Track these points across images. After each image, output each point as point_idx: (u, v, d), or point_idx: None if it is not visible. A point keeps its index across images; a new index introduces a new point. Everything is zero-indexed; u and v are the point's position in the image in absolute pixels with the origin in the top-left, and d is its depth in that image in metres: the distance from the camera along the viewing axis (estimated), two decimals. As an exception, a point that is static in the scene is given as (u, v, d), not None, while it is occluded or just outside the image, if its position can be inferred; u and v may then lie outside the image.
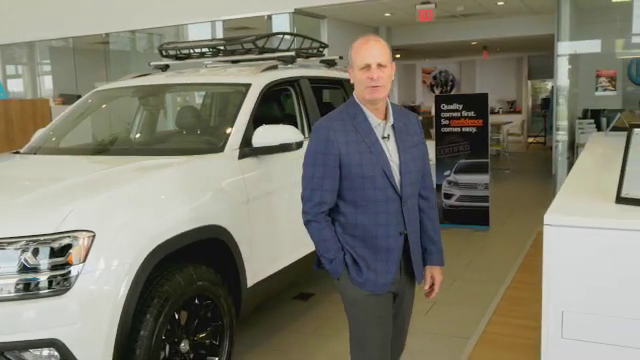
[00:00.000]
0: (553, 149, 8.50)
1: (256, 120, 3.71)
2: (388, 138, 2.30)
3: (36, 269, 2.46)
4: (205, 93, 5.26)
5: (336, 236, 2.32)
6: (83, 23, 10.43)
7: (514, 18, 10.89)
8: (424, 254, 2.48)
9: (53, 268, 2.47)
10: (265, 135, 3.55)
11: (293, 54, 4.52)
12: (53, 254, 2.48)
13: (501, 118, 14.96)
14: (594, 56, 9.28)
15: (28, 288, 2.46)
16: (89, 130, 4.81)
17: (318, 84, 4.86)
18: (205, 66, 4.97)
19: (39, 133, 4.32)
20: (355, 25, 10.41)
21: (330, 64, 5.18)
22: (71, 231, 2.51)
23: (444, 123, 6.94)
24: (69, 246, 2.49)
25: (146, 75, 4.57)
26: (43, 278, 2.47)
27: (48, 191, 2.83)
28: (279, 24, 9.26)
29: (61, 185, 2.92)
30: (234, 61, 4.82)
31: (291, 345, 3.87)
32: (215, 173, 3.34)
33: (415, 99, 19.33)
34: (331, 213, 2.34)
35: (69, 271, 2.48)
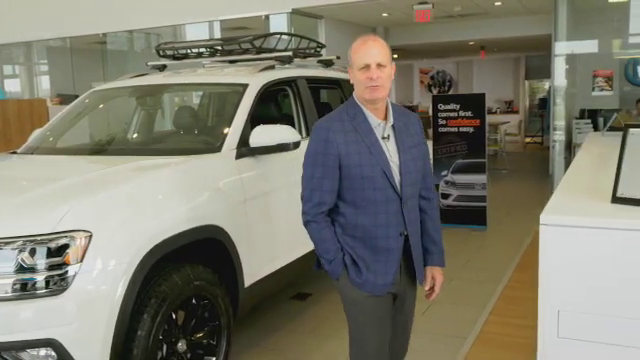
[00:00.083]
0: (550, 149, 8.52)
1: (253, 120, 3.71)
2: (388, 138, 2.29)
3: (33, 269, 2.46)
4: (202, 93, 5.26)
5: (335, 237, 2.31)
6: (80, 23, 10.42)
7: (511, 18, 10.92)
8: (425, 254, 2.46)
9: (50, 268, 2.48)
10: (262, 135, 3.56)
11: (290, 54, 4.53)
12: (50, 254, 2.48)
13: (498, 118, 14.97)
14: (591, 56, 9.30)
15: (25, 288, 2.46)
16: (86, 130, 4.81)
17: (315, 84, 4.87)
18: (203, 66, 4.97)
19: (36, 133, 4.32)
20: (353, 25, 10.42)
21: (327, 64, 5.18)
22: (68, 231, 2.51)
23: (441, 123, 6.95)
24: (66, 246, 2.49)
25: (143, 75, 4.56)
26: (40, 278, 2.47)
27: (45, 191, 2.83)
28: (277, 24, 9.26)
29: (58, 185, 2.92)
30: (231, 61, 4.83)
31: (288, 345, 3.87)
32: (212, 173, 3.34)
33: (413, 99, 19.35)
34: (331, 213, 2.33)
35: (66, 271, 2.48)
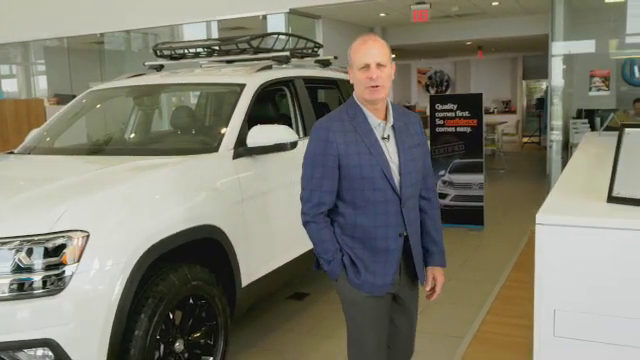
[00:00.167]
0: (547, 149, 8.53)
1: (251, 120, 3.72)
2: (388, 139, 2.28)
3: (30, 269, 2.46)
4: (200, 93, 5.26)
5: (335, 237, 2.31)
6: (78, 23, 10.41)
7: (508, 18, 10.93)
8: (425, 255, 2.46)
9: (47, 268, 2.48)
10: (259, 135, 3.56)
11: (288, 54, 4.53)
12: (47, 254, 2.48)
13: (496, 118, 15.00)
14: (588, 56, 9.33)
15: (22, 288, 2.46)
16: (84, 130, 4.81)
17: (313, 84, 4.87)
18: (200, 66, 4.97)
19: (33, 133, 4.31)
20: (350, 25, 10.42)
21: (325, 64, 5.19)
22: (65, 231, 2.51)
23: (439, 123, 6.96)
24: (63, 246, 2.49)
25: (141, 75, 4.56)
26: (37, 278, 2.47)
27: (42, 191, 2.83)
28: (274, 24, 9.26)
29: (55, 185, 2.92)
30: (229, 61, 4.83)
31: (285, 345, 3.87)
32: (210, 173, 3.34)
33: (410, 99, 19.37)
34: (330, 214, 2.33)
35: (63, 271, 2.48)
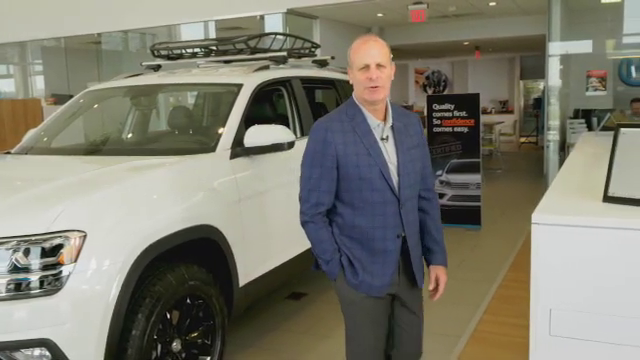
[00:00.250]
0: (545, 149, 8.55)
1: (248, 120, 3.72)
2: (387, 139, 2.28)
3: (27, 269, 2.46)
4: (197, 93, 5.27)
5: (333, 237, 2.31)
6: (75, 23, 10.40)
7: (506, 18, 10.94)
8: (427, 254, 2.46)
9: (44, 268, 2.48)
10: (257, 135, 3.56)
11: (285, 54, 4.53)
12: (44, 254, 2.48)
13: (493, 118, 15.02)
14: (585, 56, 9.34)
15: (19, 288, 2.46)
16: (81, 130, 4.81)
17: (310, 84, 4.88)
18: (197, 66, 4.97)
19: (30, 133, 4.31)
20: (347, 25, 10.42)
21: (322, 64, 5.19)
22: (62, 231, 2.51)
23: (436, 123, 6.97)
24: (60, 246, 2.49)
25: (138, 75, 4.56)
26: (34, 278, 2.47)
27: (39, 191, 2.84)
28: (272, 24, 9.27)
29: (52, 185, 2.92)
30: (226, 61, 4.83)
31: (283, 345, 3.87)
32: (207, 173, 3.35)
33: (408, 99, 19.37)
34: (329, 214, 2.33)
35: (60, 271, 2.48)
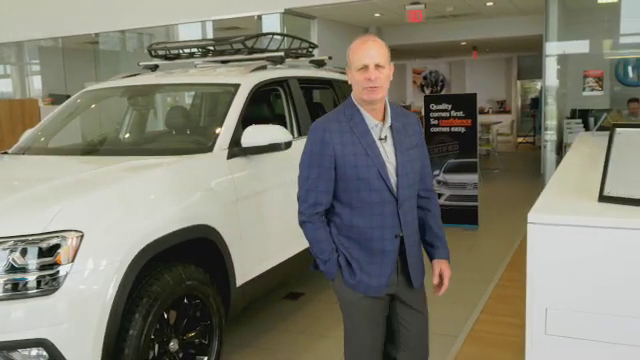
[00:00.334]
0: (542, 149, 8.57)
1: (245, 120, 3.72)
2: (385, 140, 2.28)
3: (24, 269, 2.46)
4: (194, 93, 5.27)
5: (331, 237, 2.31)
6: (73, 23, 10.40)
7: (503, 18, 10.97)
8: (430, 249, 2.48)
9: (41, 268, 2.48)
10: (254, 135, 3.56)
11: (282, 54, 4.53)
12: (41, 254, 2.48)
13: (491, 118, 15.05)
14: (582, 56, 9.38)
15: (16, 288, 2.46)
16: (78, 130, 4.81)
17: (307, 84, 4.88)
18: (194, 66, 4.98)
19: (28, 133, 4.31)
20: (345, 25, 10.44)
21: (319, 64, 5.19)
22: (59, 231, 2.51)
23: (433, 123, 6.98)
24: (57, 246, 2.49)
25: (135, 75, 4.56)
26: (31, 278, 2.47)
27: (36, 191, 2.83)
28: (269, 24, 9.28)
29: (49, 185, 2.92)
30: (223, 61, 4.83)
31: (280, 345, 3.88)
32: (204, 173, 3.35)
33: (405, 99, 19.40)
34: (327, 214, 2.34)
35: (57, 271, 2.48)
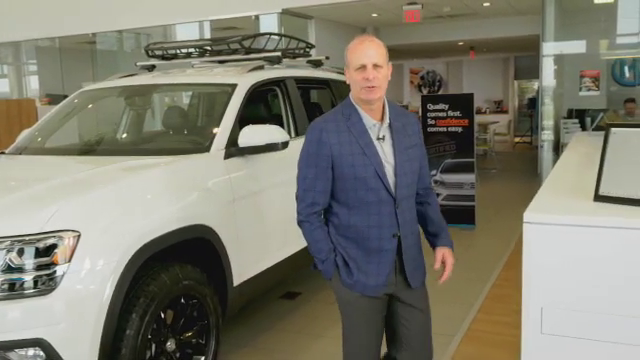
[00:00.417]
0: (539, 148, 8.59)
1: (242, 120, 3.73)
2: (384, 139, 2.28)
3: (21, 269, 2.46)
4: (191, 93, 5.26)
5: (328, 237, 2.32)
6: (70, 23, 10.38)
7: (500, 19, 10.99)
8: (433, 239, 2.48)
9: (38, 268, 2.48)
10: (251, 135, 3.57)
11: (279, 54, 4.54)
12: (38, 254, 2.48)
13: (488, 118, 15.07)
14: (579, 57, 9.39)
15: (13, 288, 2.46)
16: (75, 130, 4.80)
17: (305, 84, 4.89)
18: (192, 66, 4.98)
19: (25, 133, 4.30)
20: (342, 25, 10.44)
21: (317, 64, 5.20)
22: (56, 231, 2.51)
23: (430, 123, 6.98)
24: (54, 246, 2.49)
25: (133, 75, 4.56)
26: (28, 278, 2.47)
27: (33, 191, 2.84)
28: (267, 24, 9.28)
29: (46, 185, 2.92)
30: (221, 61, 4.83)
31: (277, 344, 3.88)
32: (201, 173, 3.35)
33: (403, 99, 19.42)
34: (325, 213, 2.35)
35: (54, 271, 2.48)
